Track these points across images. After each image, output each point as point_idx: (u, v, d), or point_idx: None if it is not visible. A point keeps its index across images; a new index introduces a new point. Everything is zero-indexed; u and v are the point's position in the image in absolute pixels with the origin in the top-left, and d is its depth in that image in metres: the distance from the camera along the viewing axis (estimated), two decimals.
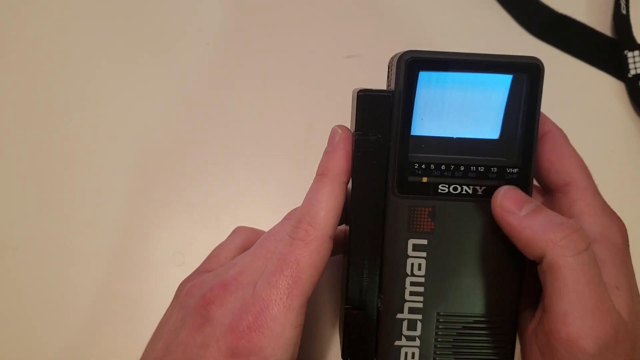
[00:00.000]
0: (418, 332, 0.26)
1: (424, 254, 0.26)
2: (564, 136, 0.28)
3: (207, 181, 0.38)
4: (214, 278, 0.27)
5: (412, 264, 0.26)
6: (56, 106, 0.39)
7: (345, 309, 0.27)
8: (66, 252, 0.37)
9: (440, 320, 0.26)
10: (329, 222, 0.25)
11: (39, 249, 0.37)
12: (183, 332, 0.25)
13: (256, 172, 0.38)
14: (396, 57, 0.26)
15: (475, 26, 0.41)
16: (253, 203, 0.38)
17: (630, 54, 0.39)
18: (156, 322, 0.29)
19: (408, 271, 0.26)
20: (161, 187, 0.38)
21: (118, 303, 0.36)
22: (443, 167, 0.26)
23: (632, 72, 0.38)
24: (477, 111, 0.26)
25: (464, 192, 0.26)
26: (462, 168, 0.26)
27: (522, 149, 0.26)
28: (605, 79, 0.40)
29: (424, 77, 0.25)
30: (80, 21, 0.41)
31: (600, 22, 0.40)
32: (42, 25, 0.41)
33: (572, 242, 0.23)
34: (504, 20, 0.41)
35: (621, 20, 0.39)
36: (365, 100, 0.26)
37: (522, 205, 0.25)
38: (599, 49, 0.40)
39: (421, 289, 0.26)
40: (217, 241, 0.32)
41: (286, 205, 0.29)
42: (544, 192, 0.29)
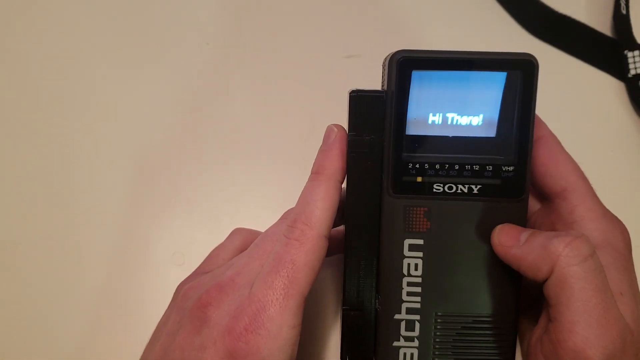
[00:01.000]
0: (416, 333, 0.26)
1: (421, 254, 0.26)
2: (558, 141, 0.28)
3: (207, 181, 0.38)
4: (211, 280, 0.27)
5: (409, 264, 0.26)
6: (56, 106, 0.39)
7: (343, 310, 0.27)
8: (66, 252, 0.37)
9: (438, 320, 0.26)
10: (325, 222, 0.25)
11: (39, 249, 0.37)
12: (181, 335, 0.25)
13: (256, 172, 0.38)
14: (388, 57, 0.25)
15: (475, 26, 0.41)
16: (253, 203, 0.38)
17: (630, 54, 0.39)
18: (156, 322, 0.29)
19: (405, 271, 0.26)
20: (161, 187, 0.38)
21: (118, 303, 0.36)
22: (437, 167, 0.26)
23: (632, 72, 0.38)
24: (472, 109, 0.26)
25: (459, 191, 0.26)
26: (457, 167, 0.26)
27: (518, 147, 0.25)
28: (605, 79, 0.40)
29: (417, 76, 0.25)
30: (80, 22, 0.41)
31: (600, 22, 0.40)
32: (42, 25, 0.41)
33: (575, 250, 0.23)
34: (504, 20, 0.41)
35: (621, 20, 0.39)
36: (357, 100, 0.26)
37: (519, 236, 0.25)
38: (599, 49, 0.40)
39: (418, 289, 0.26)
40: (217, 241, 0.32)
41: (286, 205, 0.29)
42: (542, 199, 0.29)
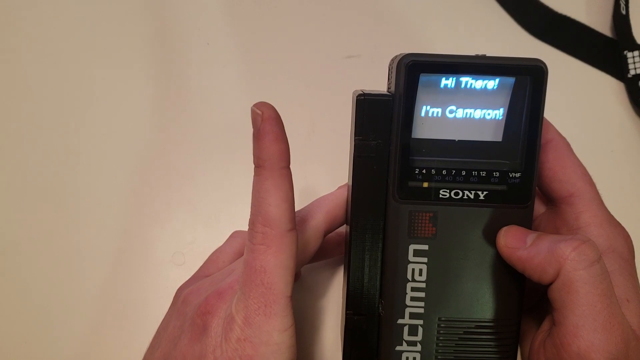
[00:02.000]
0: (419, 338, 0.26)
1: (425, 260, 0.26)
2: (567, 145, 0.27)
3: (208, 181, 0.38)
4: (211, 285, 0.27)
5: (413, 270, 0.26)
6: (56, 107, 0.39)
7: (346, 314, 0.27)
8: (66, 253, 0.37)
9: (441, 325, 0.26)
10: (284, 216, 0.23)
11: (39, 249, 0.37)
12: (181, 342, 0.25)
13: None
14: (396, 60, 0.25)
15: (475, 26, 0.41)
16: None
17: (630, 54, 0.39)
18: (156, 323, 0.28)
19: (409, 277, 0.26)
20: (161, 187, 0.38)
21: (118, 303, 0.36)
22: (444, 172, 0.25)
23: (632, 72, 0.38)
24: (479, 114, 0.26)
25: (466, 197, 0.26)
26: (464, 173, 0.25)
27: (525, 153, 0.25)
28: (605, 79, 0.40)
29: (425, 80, 0.25)
30: (80, 23, 0.41)
31: (600, 22, 0.40)
32: (42, 25, 0.41)
33: (582, 254, 0.23)
34: (504, 20, 0.41)
35: (621, 20, 0.39)
36: (364, 104, 0.25)
37: (525, 238, 0.25)
38: (599, 49, 0.40)
39: (422, 295, 0.26)
40: (217, 241, 0.32)
41: None
42: (547, 203, 0.29)
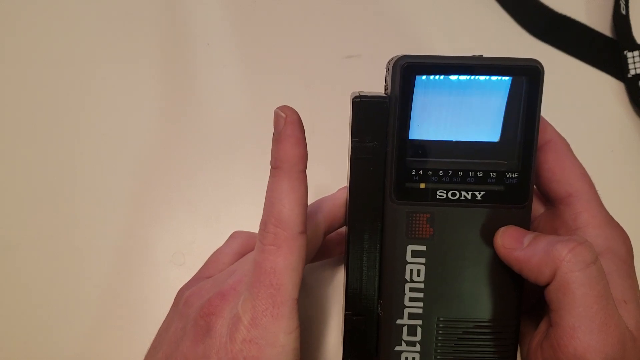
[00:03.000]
0: (418, 338, 0.26)
1: (423, 260, 0.26)
2: (567, 145, 0.27)
3: (208, 181, 0.38)
4: (213, 286, 0.27)
5: (411, 270, 0.26)
6: (57, 107, 0.39)
7: (345, 315, 0.27)
8: (66, 253, 0.37)
9: (440, 325, 0.26)
10: (296, 219, 0.24)
11: (39, 249, 0.37)
12: (184, 344, 0.25)
13: (256, 172, 0.38)
14: (392, 62, 0.25)
15: (475, 27, 0.41)
16: (253, 203, 0.37)
17: (630, 54, 0.39)
18: (156, 323, 0.29)
19: (407, 277, 0.26)
20: (161, 187, 0.38)
21: (118, 303, 0.36)
22: (441, 173, 0.25)
23: (632, 72, 0.38)
24: (476, 114, 0.26)
25: (463, 198, 0.26)
26: (461, 173, 0.25)
27: (522, 153, 0.25)
28: (605, 79, 0.40)
29: (421, 82, 0.25)
30: (80, 23, 0.41)
31: (600, 22, 0.40)
32: (42, 25, 0.41)
33: (578, 256, 0.23)
34: (504, 20, 0.41)
35: (621, 20, 0.39)
36: (360, 106, 0.25)
37: (522, 238, 0.25)
38: (599, 49, 0.40)
39: (421, 295, 0.26)
40: (217, 241, 0.32)
41: None
42: (546, 203, 0.29)
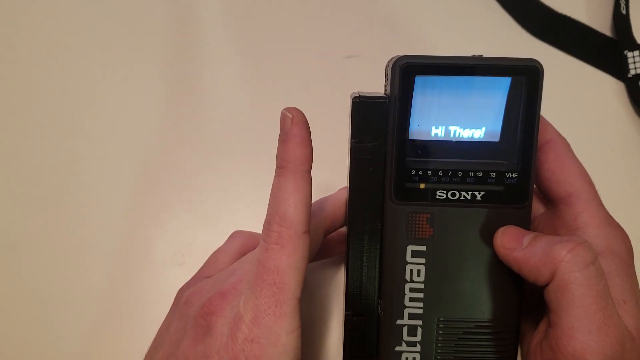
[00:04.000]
0: (418, 338, 0.26)
1: (423, 260, 0.26)
2: (567, 145, 0.27)
3: (208, 181, 0.38)
4: (213, 286, 0.27)
5: (411, 270, 0.26)
6: (57, 107, 0.39)
7: (345, 315, 0.27)
8: (66, 252, 0.37)
9: (440, 325, 0.26)
10: (300, 218, 0.24)
11: (39, 249, 0.37)
12: (184, 343, 0.25)
13: (256, 173, 0.38)
14: (391, 62, 0.25)
15: (475, 26, 0.41)
16: (253, 203, 0.38)
17: (630, 54, 0.39)
18: (156, 323, 0.29)
19: (407, 277, 0.26)
20: (161, 187, 0.38)
21: (118, 303, 0.36)
22: (441, 173, 0.25)
23: (632, 72, 0.38)
24: (475, 114, 0.26)
25: (463, 198, 0.26)
26: (460, 174, 0.25)
27: (522, 152, 0.25)
28: (605, 79, 0.40)
29: (420, 82, 0.25)
30: (81, 23, 0.41)
31: (600, 22, 0.40)
32: (43, 25, 0.41)
33: (578, 256, 0.23)
34: (504, 20, 0.41)
35: (621, 20, 0.39)
36: (360, 106, 0.25)
37: (522, 238, 0.25)
38: (599, 49, 0.40)
39: (421, 295, 0.26)
40: (217, 241, 0.32)
41: None
42: (546, 203, 0.29)
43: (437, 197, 0.26)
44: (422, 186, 0.26)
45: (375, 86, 0.28)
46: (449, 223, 0.26)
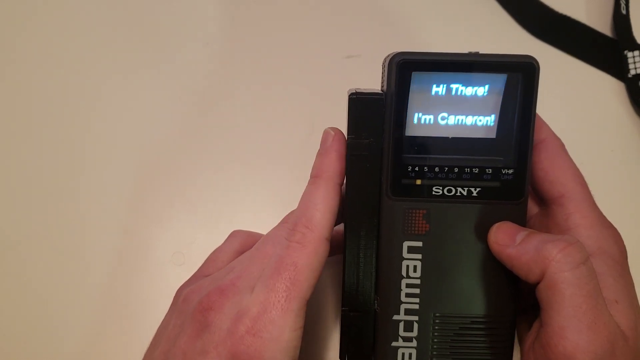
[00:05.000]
0: (415, 333, 0.26)
1: (419, 256, 0.26)
2: (561, 145, 0.27)
3: (208, 182, 0.38)
4: (211, 283, 0.27)
5: (408, 266, 0.26)
6: (59, 108, 0.39)
7: (342, 311, 0.27)
8: (66, 252, 0.37)
9: (436, 321, 0.26)
10: (325, 224, 0.25)
11: (40, 249, 0.37)
12: (182, 339, 0.25)
13: (256, 173, 0.38)
14: (388, 59, 0.25)
15: (474, 26, 0.41)
16: (253, 204, 0.38)
17: (630, 54, 0.39)
18: (156, 323, 0.29)
19: (404, 273, 0.26)
20: (162, 188, 0.38)
21: (118, 303, 0.36)
22: (437, 169, 0.26)
23: (632, 72, 0.38)
24: (472, 111, 0.26)
25: (459, 194, 0.26)
26: (456, 170, 0.26)
27: (518, 149, 0.25)
28: (605, 79, 0.40)
29: (416, 78, 0.25)
30: (82, 26, 0.41)
31: (600, 22, 0.40)
32: (46, 28, 0.41)
33: (568, 256, 0.23)
34: (504, 20, 0.41)
35: (621, 20, 0.39)
36: (356, 103, 0.25)
37: (515, 235, 0.25)
38: (599, 49, 0.40)
39: (417, 291, 0.26)
40: (217, 241, 0.32)
41: (286, 206, 0.29)
42: (540, 203, 0.29)
43: (434, 193, 0.26)
44: (419, 182, 0.26)
45: (375, 86, 0.28)
46: (445, 219, 0.26)
